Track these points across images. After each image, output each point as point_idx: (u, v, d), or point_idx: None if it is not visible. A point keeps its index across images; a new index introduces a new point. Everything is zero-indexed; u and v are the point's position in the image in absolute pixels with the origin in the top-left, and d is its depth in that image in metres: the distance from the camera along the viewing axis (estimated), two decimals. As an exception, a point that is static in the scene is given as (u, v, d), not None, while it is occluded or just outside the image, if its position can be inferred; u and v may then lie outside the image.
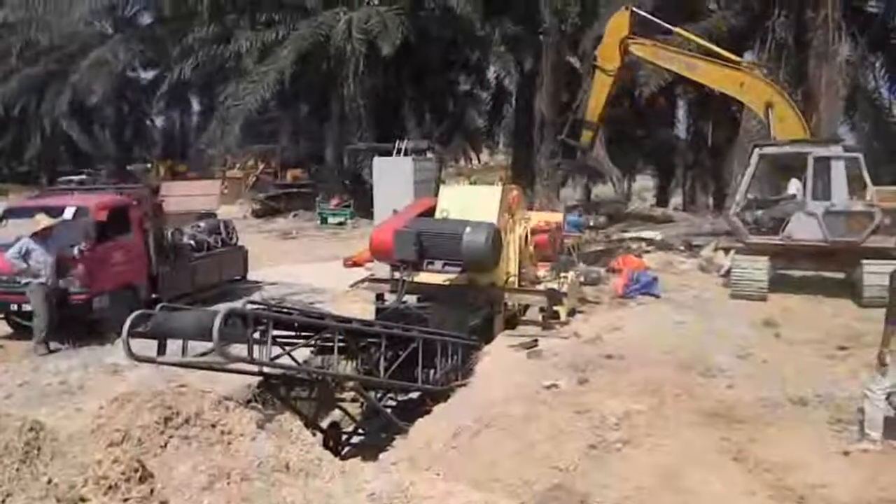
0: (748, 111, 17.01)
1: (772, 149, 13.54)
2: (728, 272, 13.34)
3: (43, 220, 9.77)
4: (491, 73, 33.42)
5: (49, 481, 4.24)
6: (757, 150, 13.25)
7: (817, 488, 5.50)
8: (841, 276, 12.83)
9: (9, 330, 10.46)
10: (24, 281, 9.65)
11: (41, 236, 9.70)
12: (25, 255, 9.59)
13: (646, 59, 16.31)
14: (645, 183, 33.84)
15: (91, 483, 4.16)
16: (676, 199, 31.30)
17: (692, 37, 16.04)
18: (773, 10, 20.15)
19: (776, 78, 16.24)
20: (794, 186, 13.23)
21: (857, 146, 12.57)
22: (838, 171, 12.23)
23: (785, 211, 12.85)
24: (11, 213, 10.73)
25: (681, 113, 30.08)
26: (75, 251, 10.06)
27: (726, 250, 14.63)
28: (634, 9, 15.91)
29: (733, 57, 15.11)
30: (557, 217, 13.11)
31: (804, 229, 12.31)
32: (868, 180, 12.24)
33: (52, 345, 9.78)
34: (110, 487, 4.14)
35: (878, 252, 11.76)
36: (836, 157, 12.37)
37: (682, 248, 17.31)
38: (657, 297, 12.28)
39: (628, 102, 20.34)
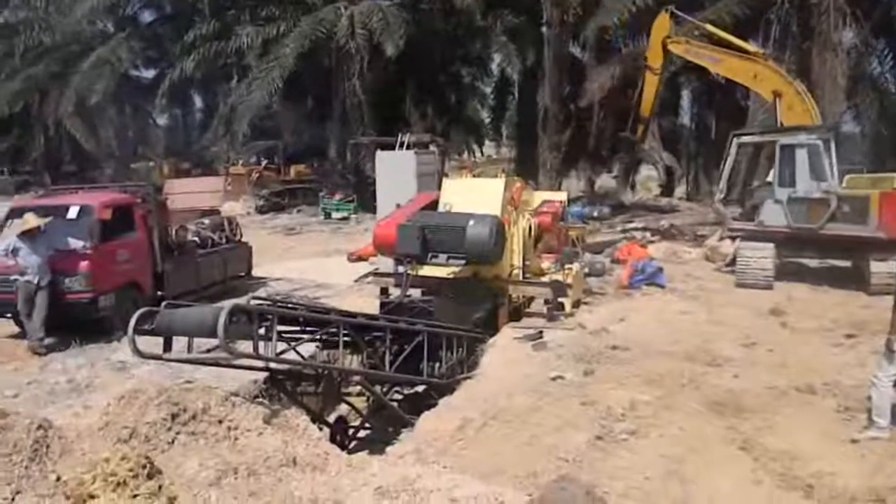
0: (757, 100, 17.37)
1: (747, 137, 14.37)
2: (733, 261, 13.38)
3: (31, 220, 9.81)
4: (494, 66, 33.42)
5: (58, 478, 4.26)
6: (735, 138, 13.76)
7: (825, 477, 5.49)
8: (847, 264, 12.82)
9: (16, 329, 10.48)
10: (11, 278, 9.75)
11: (29, 235, 9.75)
12: (13, 253, 9.69)
13: (680, 55, 17.11)
14: (649, 173, 33.77)
15: (99, 480, 4.17)
16: (681, 189, 31.20)
17: (716, 31, 16.56)
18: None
19: (789, 67, 16.41)
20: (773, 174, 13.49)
21: (825, 133, 12.68)
22: (802, 159, 12.34)
23: (760, 197, 13.07)
24: (17, 212, 10.74)
25: (685, 102, 30.01)
26: (80, 248, 10.12)
27: (732, 239, 14.67)
28: (674, 10, 16.90)
29: (749, 48, 15.55)
30: (561, 196, 13.11)
31: (773, 216, 12.62)
32: (827, 167, 12.26)
33: (47, 340, 9.81)
34: (119, 484, 4.15)
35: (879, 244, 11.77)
36: (799, 144, 12.45)
37: (686, 237, 17.34)
38: (662, 287, 12.28)
39: (633, 92, 20.39)
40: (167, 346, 5.76)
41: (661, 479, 5.45)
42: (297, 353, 6.28)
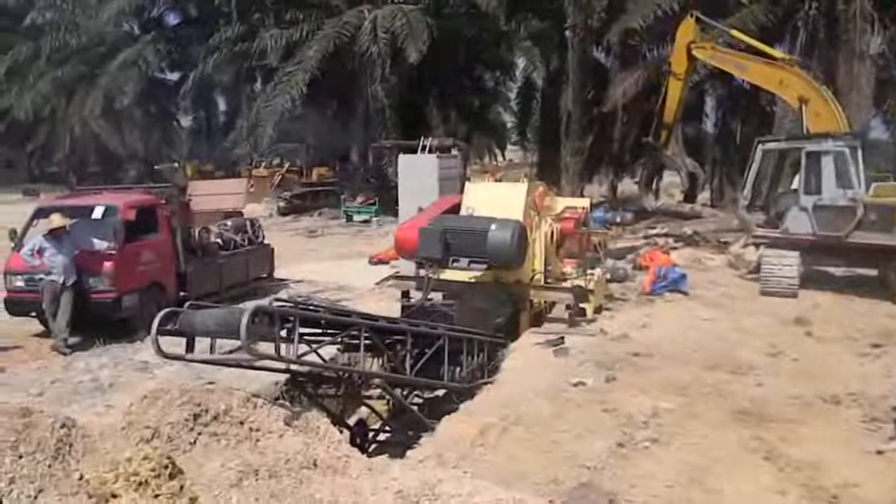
0: (784, 106, 17.22)
1: (773, 144, 14.23)
2: (757, 268, 13.25)
3: (56, 220, 9.94)
4: (518, 70, 33.38)
5: (80, 477, 4.29)
6: (760, 145, 13.59)
7: (850, 488, 5.41)
8: (873, 272, 12.66)
9: (40, 328, 10.60)
10: (37, 277, 9.88)
11: (54, 235, 9.87)
12: (40, 253, 9.82)
13: (705, 61, 17.07)
14: (672, 179, 33.67)
15: (122, 479, 4.20)
16: (704, 196, 30.97)
17: (742, 36, 16.46)
18: (804, 3, 19.91)
19: (816, 74, 16.23)
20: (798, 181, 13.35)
21: (852, 140, 12.52)
22: (828, 166, 12.20)
23: (785, 205, 12.94)
24: (42, 212, 10.89)
25: (709, 108, 29.79)
26: (104, 248, 10.23)
27: (756, 246, 14.53)
28: (699, 15, 16.66)
29: (776, 53, 15.44)
30: (584, 202, 13.03)
31: (798, 223, 12.45)
32: (854, 175, 12.08)
33: (71, 340, 9.90)
34: (141, 484, 4.18)
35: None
36: (825, 151, 12.30)
37: (710, 243, 17.21)
38: (685, 294, 12.16)
39: (656, 98, 20.36)
40: (190, 347, 5.80)
41: (684, 488, 5.40)
42: (319, 355, 6.29)
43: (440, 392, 8.54)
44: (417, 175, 14.84)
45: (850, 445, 6.19)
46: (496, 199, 10.02)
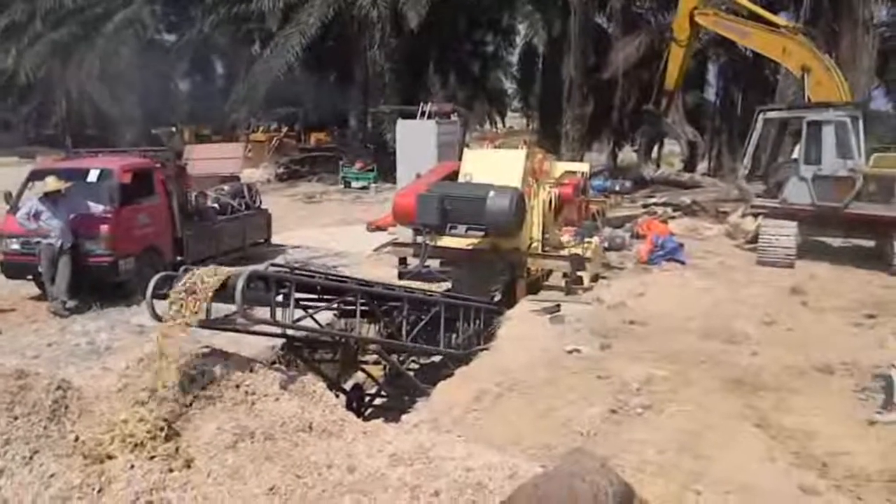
0: (787, 76, 17.20)
1: (774, 112, 14.25)
2: (755, 238, 13.26)
3: (52, 183, 9.88)
4: (519, 36, 33.08)
5: (76, 438, 4.32)
6: (761, 114, 13.56)
7: (840, 456, 5.44)
8: (871, 243, 12.67)
9: (37, 291, 10.60)
10: (33, 240, 9.86)
11: (50, 198, 9.83)
12: (35, 216, 9.77)
13: (708, 27, 17.00)
14: (672, 147, 33.52)
15: (117, 441, 4.23)
16: (703, 165, 30.88)
17: (745, 3, 16.38)
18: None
19: (819, 43, 16.11)
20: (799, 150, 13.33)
21: (854, 110, 12.42)
22: (829, 136, 12.14)
23: (785, 174, 12.92)
24: (37, 175, 10.82)
25: (711, 76, 29.59)
26: (100, 211, 10.19)
27: (754, 216, 14.55)
28: None
29: (779, 21, 15.36)
30: (583, 167, 12.99)
31: (798, 193, 12.44)
32: (854, 145, 12.01)
33: (69, 303, 9.91)
34: (136, 445, 4.21)
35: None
36: (826, 121, 12.22)
37: (708, 213, 17.21)
38: (682, 263, 12.20)
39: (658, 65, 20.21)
40: (185, 311, 5.78)
41: (675, 454, 5.44)
42: (315, 320, 6.29)
43: (436, 358, 8.58)
44: (416, 141, 14.80)
45: (842, 415, 6.22)
46: (495, 165, 9.98)
